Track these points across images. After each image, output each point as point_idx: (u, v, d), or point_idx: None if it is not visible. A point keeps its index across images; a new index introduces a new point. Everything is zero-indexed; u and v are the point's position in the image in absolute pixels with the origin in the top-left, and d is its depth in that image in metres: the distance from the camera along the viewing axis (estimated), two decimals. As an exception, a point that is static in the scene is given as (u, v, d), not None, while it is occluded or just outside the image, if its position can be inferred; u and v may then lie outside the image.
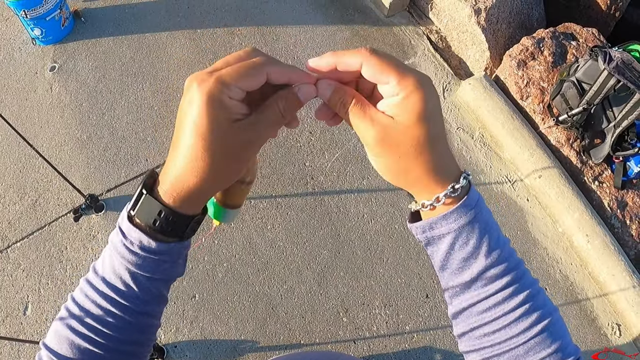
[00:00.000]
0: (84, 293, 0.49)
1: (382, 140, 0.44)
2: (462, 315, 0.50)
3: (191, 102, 0.42)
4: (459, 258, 0.47)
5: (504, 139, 2.42)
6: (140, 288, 0.49)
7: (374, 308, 2.08)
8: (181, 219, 0.47)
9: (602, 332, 2.13)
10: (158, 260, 0.48)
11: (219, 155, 0.44)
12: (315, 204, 2.29)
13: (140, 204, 0.46)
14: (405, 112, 0.43)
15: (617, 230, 2.27)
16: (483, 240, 0.47)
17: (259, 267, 2.14)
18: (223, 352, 1.99)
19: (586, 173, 2.34)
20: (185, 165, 0.44)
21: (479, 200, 0.48)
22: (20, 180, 2.38)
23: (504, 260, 0.47)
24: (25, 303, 2.10)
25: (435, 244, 0.49)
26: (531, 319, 0.47)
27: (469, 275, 0.47)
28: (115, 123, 2.50)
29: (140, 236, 0.46)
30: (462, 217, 0.46)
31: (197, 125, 0.42)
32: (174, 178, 0.45)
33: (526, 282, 0.48)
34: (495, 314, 0.47)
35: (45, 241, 2.22)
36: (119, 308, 0.49)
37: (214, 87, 0.42)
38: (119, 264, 0.48)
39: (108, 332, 0.49)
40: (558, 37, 2.51)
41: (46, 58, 2.73)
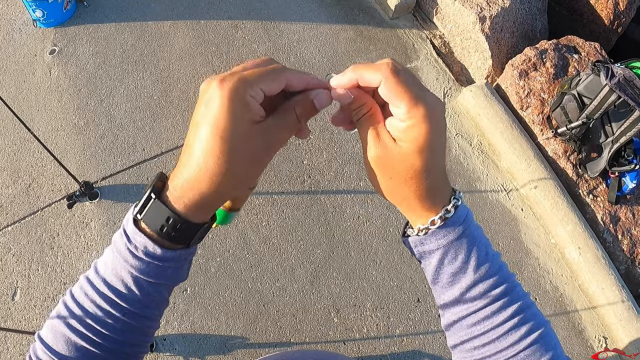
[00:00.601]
0: (84, 292, 0.48)
1: (379, 159, 0.46)
2: (453, 327, 0.51)
3: (210, 101, 0.41)
4: (448, 273, 0.48)
5: (502, 147, 2.44)
6: (143, 292, 0.48)
7: (365, 310, 2.08)
8: (190, 227, 0.46)
9: (589, 345, 2.16)
10: (162, 267, 0.47)
11: (237, 158, 0.43)
12: (311, 203, 2.29)
13: (148, 209, 0.45)
14: (408, 140, 0.44)
15: (608, 244, 2.29)
16: (471, 256, 0.47)
17: (252, 264, 2.14)
18: (212, 346, 1.98)
19: (581, 186, 2.35)
20: (200, 168, 0.42)
21: (467, 216, 0.49)
22: (15, 164, 2.35)
23: (494, 274, 0.48)
24: (14, 288, 2.08)
25: (427, 259, 0.50)
26: (521, 332, 0.47)
27: (459, 289, 0.48)
28: (113, 110, 2.48)
29: (146, 242, 0.45)
30: (450, 234, 0.47)
31: (216, 124, 0.41)
32: (186, 183, 0.43)
33: (516, 295, 0.49)
34: (484, 327, 0.48)
35: (37, 226, 2.20)
36: (119, 310, 0.48)
37: (237, 85, 0.41)
38: (121, 267, 0.47)
39: (106, 333, 0.48)
40: (561, 50, 2.53)
41: (46, 41, 2.70)
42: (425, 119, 0.43)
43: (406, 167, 0.45)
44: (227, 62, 2.67)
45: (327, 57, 2.72)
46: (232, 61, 2.67)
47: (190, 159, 0.43)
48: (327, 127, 2.46)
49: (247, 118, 0.42)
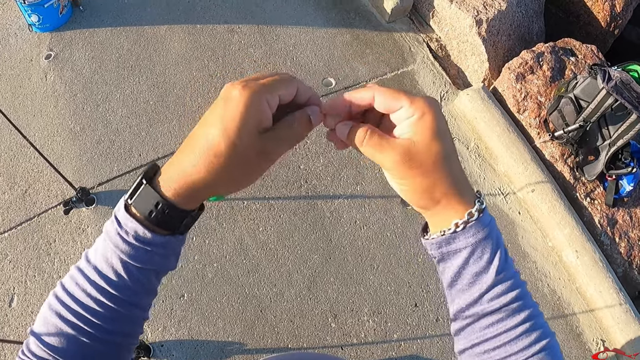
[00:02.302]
0: (75, 281, 0.49)
1: (404, 162, 0.46)
2: (464, 331, 0.51)
3: (229, 100, 0.44)
4: (471, 272, 0.49)
5: (499, 151, 2.43)
6: (132, 278, 0.49)
7: (363, 315, 2.08)
8: (177, 213, 0.47)
9: (586, 347, 2.15)
10: (151, 252, 0.48)
11: (237, 159, 0.45)
12: (308, 208, 2.29)
13: (139, 194, 0.46)
14: (423, 130, 0.45)
15: (606, 247, 2.29)
16: (495, 256, 0.48)
17: (249, 269, 2.13)
18: (210, 353, 1.98)
19: (578, 189, 2.35)
20: (198, 163, 0.44)
21: (492, 220, 0.50)
22: (11, 169, 2.35)
23: (510, 278, 0.49)
24: (11, 295, 2.07)
25: (450, 259, 0.50)
26: (531, 337, 0.48)
27: (478, 290, 0.49)
28: (109, 115, 2.47)
29: (136, 226, 0.46)
30: (480, 232, 0.48)
31: (227, 124, 0.43)
32: (181, 170, 0.45)
33: (528, 302, 0.49)
34: (498, 329, 0.48)
35: (34, 233, 2.20)
36: (109, 298, 0.48)
37: (258, 90, 0.44)
38: (111, 253, 0.47)
39: (96, 322, 0.48)
40: (557, 52, 2.53)
41: (42, 45, 2.70)
42: (428, 106, 0.46)
43: (434, 155, 0.46)
44: (223, 66, 2.66)
45: (324, 61, 2.72)
46: (229, 65, 2.67)
47: (190, 151, 0.45)
48: (324, 131, 2.44)
49: (256, 123, 0.44)
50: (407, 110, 0.46)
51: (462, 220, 0.47)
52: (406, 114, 0.46)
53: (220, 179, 0.45)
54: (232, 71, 2.65)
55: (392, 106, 0.47)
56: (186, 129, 2.45)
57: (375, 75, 2.71)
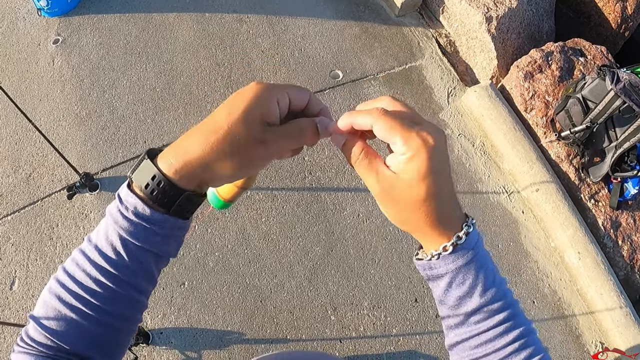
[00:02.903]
0: (76, 262, 0.50)
1: (385, 193, 0.48)
2: (456, 348, 0.52)
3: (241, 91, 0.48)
4: (455, 296, 0.50)
5: (505, 149, 2.42)
6: (130, 257, 0.49)
7: (363, 308, 2.08)
8: (173, 190, 0.47)
9: (585, 349, 2.15)
10: (150, 230, 0.48)
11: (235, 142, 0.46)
12: (311, 200, 2.29)
13: (139, 167, 0.48)
14: (409, 171, 0.46)
15: (608, 249, 2.28)
16: (478, 281, 0.49)
17: (250, 259, 2.14)
18: (209, 341, 1.98)
19: (583, 190, 2.34)
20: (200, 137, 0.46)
21: (477, 242, 0.50)
22: (16, 153, 2.35)
23: (499, 299, 0.50)
24: (12, 278, 2.08)
25: (435, 281, 0.51)
26: (521, 356, 0.48)
27: (464, 312, 0.50)
28: (115, 102, 2.47)
29: (136, 202, 0.47)
30: (459, 259, 0.49)
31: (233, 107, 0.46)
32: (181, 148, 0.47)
33: (519, 321, 0.50)
34: (487, 350, 0.49)
35: (37, 216, 2.20)
36: (108, 277, 0.49)
37: (270, 86, 0.48)
38: (112, 230, 0.48)
39: (96, 303, 0.49)
40: (567, 52, 2.51)
41: (50, 30, 2.69)
42: (422, 147, 0.45)
43: (412, 197, 0.47)
44: (230, 55, 2.65)
45: (332, 54, 2.71)
46: (236, 55, 2.66)
47: (195, 131, 0.47)
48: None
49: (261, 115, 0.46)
50: (401, 147, 0.45)
51: (450, 242, 0.48)
52: (400, 150, 0.46)
53: (216, 159, 0.46)
54: (239, 60, 2.64)
55: (387, 140, 0.47)
56: (192, 117, 2.45)
57: (383, 69, 2.70)
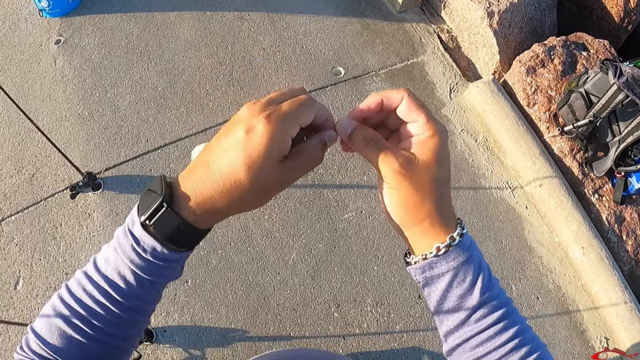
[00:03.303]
0: (82, 287, 0.50)
1: (402, 171, 0.48)
2: (456, 351, 0.52)
3: (253, 131, 0.44)
4: (456, 295, 0.49)
5: (508, 144, 2.41)
6: (142, 289, 0.50)
7: (366, 305, 2.08)
8: (198, 233, 0.48)
9: (590, 345, 2.14)
10: (166, 267, 0.49)
11: (256, 190, 0.46)
12: (314, 197, 2.28)
13: (160, 216, 0.46)
14: (428, 149, 0.48)
15: (613, 244, 2.27)
16: (478, 278, 0.49)
17: (253, 257, 2.14)
18: (212, 339, 1.98)
19: (587, 185, 2.33)
20: (221, 188, 0.46)
21: (472, 243, 0.51)
22: (19, 153, 2.36)
23: (496, 297, 0.50)
24: (16, 277, 2.09)
25: (434, 284, 0.51)
26: (521, 352, 0.49)
27: (465, 311, 0.50)
28: (117, 101, 2.47)
29: (154, 244, 0.47)
30: (460, 256, 0.49)
31: (250, 156, 0.44)
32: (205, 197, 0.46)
33: (515, 319, 0.51)
34: (487, 348, 0.49)
35: (40, 216, 2.21)
36: (117, 305, 0.50)
37: (282, 121, 0.45)
38: (124, 267, 0.48)
39: (100, 326, 0.50)
40: (569, 46, 2.49)
41: (52, 31, 2.70)
42: (439, 131, 0.49)
43: (429, 176, 0.48)
44: (232, 53, 2.65)
45: (333, 50, 2.70)
46: (238, 53, 2.66)
47: (211, 176, 0.46)
48: (331, 121, 2.44)
49: (277, 157, 0.45)
50: (422, 126, 0.48)
51: (444, 244, 0.48)
52: (419, 130, 0.49)
53: (237, 205, 0.47)
54: (241, 58, 2.64)
55: (412, 115, 0.49)
56: (194, 116, 2.45)
57: (385, 66, 2.69)
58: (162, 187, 0.47)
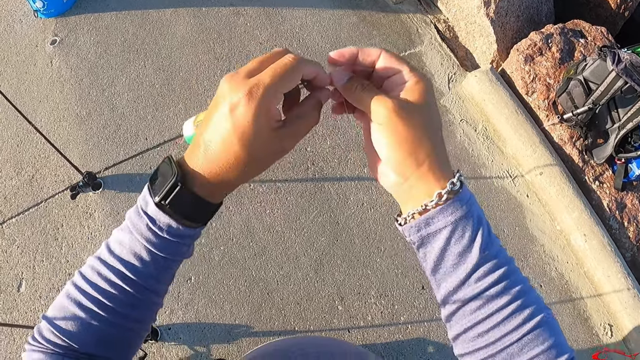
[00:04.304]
0: (96, 271, 0.51)
1: (398, 112, 0.46)
2: (455, 316, 0.50)
3: (237, 109, 0.44)
4: (454, 253, 0.47)
5: (507, 133, 2.41)
6: (158, 268, 0.52)
7: (370, 297, 2.08)
8: (210, 208, 0.51)
9: (594, 332, 2.15)
10: (181, 243, 0.51)
11: (256, 161, 0.48)
12: (315, 190, 2.28)
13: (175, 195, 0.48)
14: (416, 93, 0.48)
15: (614, 231, 2.27)
16: (477, 234, 0.47)
17: (256, 252, 2.14)
18: (217, 335, 1.99)
19: (587, 172, 2.33)
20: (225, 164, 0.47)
21: (471, 196, 0.49)
22: (18, 155, 2.35)
23: (496, 255, 0.48)
24: (19, 280, 2.09)
25: (430, 243, 0.48)
26: (524, 314, 0.47)
27: (464, 271, 0.47)
28: (115, 100, 2.46)
29: (170, 221, 0.49)
30: (458, 210, 0.47)
31: (241, 133, 0.45)
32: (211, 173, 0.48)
33: (517, 278, 0.48)
34: (489, 310, 0.47)
35: (41, 218, 2.21)
36: (132, 286, 0.51)
37: (264, 97, 0.44)
38: (140, 247, 0.50)
39: (114, 308, 0.51)
40: (567, 34, 2.49)
41: (47, 31, 2.68)
42: (424, 78, 0.49)
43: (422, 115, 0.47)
44: (229, 49, 2.64)
45: (330, 43, 2.69)
46: (234, 48, 2.65)
47: (212, 153, 0.47)
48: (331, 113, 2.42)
49: (267, 127, 0.46)
50: (407, 74, 0.48)
51: (445, 189, 0.46)
52: (404, 78, 0.48)
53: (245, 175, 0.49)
54: (237, 53, 2.63)
55: (394, 67, 0.49)
56: (192, 112, 2.44)
57: (382, 59, 2.68)
58: (174, 167, 0.48)
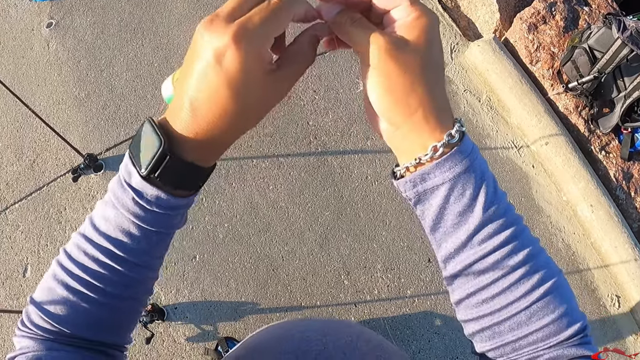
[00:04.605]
0: (82, 250, 0.47)
1: (391, 49, 0.41)
2: (457, 280, 0.46)
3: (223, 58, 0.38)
4: (454, 212, 0.43)
5: (512, 103, 2.38)
6: (149, 242, 0.47)
7: (376, 271, 2.07)
8: (203, 173, 0.45)
9: (601, 303, 2.14)
10: (172, 215, 0.46)
11: (251, 110, 0.43)
12: (318, 164, 2.26)
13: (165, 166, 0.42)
14: (415, 31, 0.41)
15: (621, 201, 2.25)
16: (480, 191, 0.42)
17: (260, 228, 2.12)
18: (223, 313, 1.98)
19: (593, 142, 2.30)
20: (216, 121, 0.41)
21: (473, 148, 0.44)
22: (18, 140, 2.34)
23: (502, 214, 0.43)
24: (24, 265, 2.09)
25: (427, 200, 0.44)
26: (533, 280, 0.43)
27: (465, 232, 0.43)
28: (114, 80, 2.44)
29: (158, 193, 0.43)
30: (458, 165, 0.42)
31: (231, 82, 0.39)
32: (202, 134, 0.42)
33: (526, 240, 0.44)
34: (494, 275, 0.43)
35: (44, 202, 2.20)
36: (123, 264, 0.47)
37: (253, 40, 0.39)
38: (128, 222, 0.45)
39: (105, 289, 0.47)
40: (570, 2, 2.45)
41: (43, 14, 2.65)
42: (427, 12, 0.42)
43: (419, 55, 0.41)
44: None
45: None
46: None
47: (200, 111, 0.41)
48: (332, 86, 2.41)
49: (260, 72, 0.40)
50: (406, 9, 0.42)
51: (441, 142, 0.41)
52: (404, 13, 0.42)
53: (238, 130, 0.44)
54: (236, 31, 2.60)
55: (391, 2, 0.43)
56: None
57: (383, 33, 2.64)
58: (159, 134, 0.42)
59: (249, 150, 2.24)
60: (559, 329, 0.43)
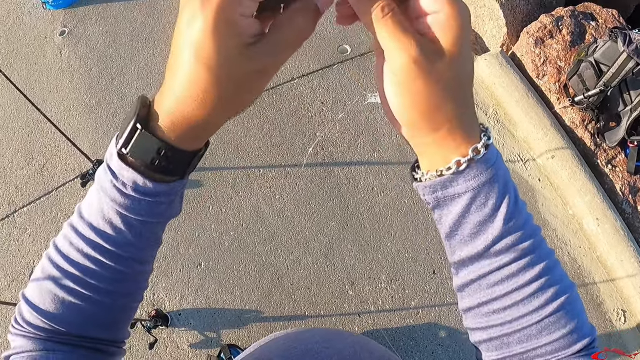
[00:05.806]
0: (69, 241, 0.44)
1: (422, 62, 0.36)
2: (469, 288, 0.45)
3: (193, 21, 0.34)
4: (474, 222, 0.41)
5: (518, 117, 2.38)
6: (134, 234, 0.44)
7: (381, 282, 2.07)
8: (184, 156, 0.41)
9: (607, 318, 2.12)
10: (155, 203, 0.42)
11: (229, 88, 0.37)
12: (325, 175, 2.27)
13: (135, 141, 0.39)
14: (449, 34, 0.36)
15: (628, 215, 2.24)
16: (503, 202, 0.40)
17: (266, 237, 2.13)
18: (227, 321, 1.99)
19: (600, 156, 2.30)
20: (190, 97, 0.37)
21: (498, 157, 0.41)
22: (29, 145, 2.37)
23: (522, 227, 0.42)
24: (31, 268, 2.11)
25: (447, 206, 0.42)
26: (547, 295, 0.42)
27: (483, 242, 0.41)
28: (124, 89, 2.48)
29: (135, 176, 0.40)
30: (483, 174, 0.40)
31: (200, 51, 0.35)
32: (176, 110, 0.38)
33: (543, 253, 0.43)
34: (508, 287, 0.42)
35: (52, 206, 2.22)
36: (109, 257, 0.44)
37: (223, 3, 0.34)
38: (109, 208, 0.42)
39: (97, 285, 0.44)
40: (577, 17, 2.46)
41: (56, 22, 2.71)
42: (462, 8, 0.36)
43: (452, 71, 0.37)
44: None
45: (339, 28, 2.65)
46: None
47: (177, 86, 0.37)
48: (340, 98, 2.43)
49: (236, 44, 0.35)
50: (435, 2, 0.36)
51: (466, 158, 0.39)
52: (435, 5, 0.36)
53: (217, 113, 0.39)
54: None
55: None
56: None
57: (390, 45, 2.66)
58: (137, 107, 0.39)
59: (256, 159, 2.26)
60: (569, 344, 0.43)
